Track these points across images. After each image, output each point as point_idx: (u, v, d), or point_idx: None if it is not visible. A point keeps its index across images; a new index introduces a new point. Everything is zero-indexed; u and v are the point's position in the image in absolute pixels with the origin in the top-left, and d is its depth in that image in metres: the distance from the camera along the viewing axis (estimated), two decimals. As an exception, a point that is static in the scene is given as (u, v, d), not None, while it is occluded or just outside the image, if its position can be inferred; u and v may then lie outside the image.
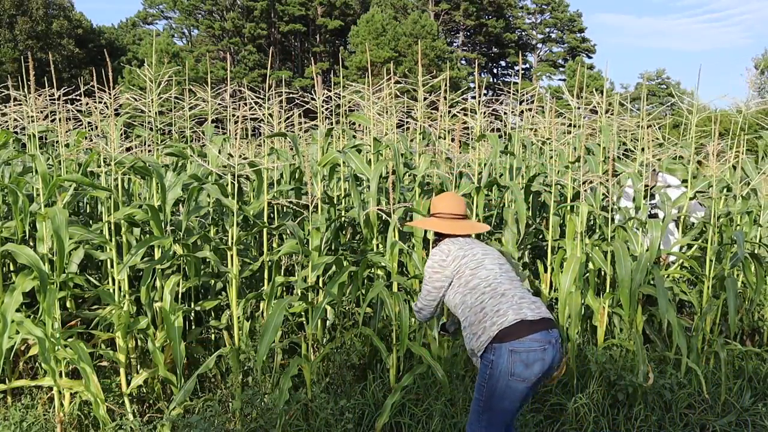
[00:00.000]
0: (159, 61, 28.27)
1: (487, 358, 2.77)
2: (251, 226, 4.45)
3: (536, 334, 2.73)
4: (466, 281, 2.96)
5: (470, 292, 2.92)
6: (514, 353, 2.70)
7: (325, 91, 4.73)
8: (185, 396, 3.63)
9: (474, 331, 2.83)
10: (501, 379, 2.71)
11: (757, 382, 4.31)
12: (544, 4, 56.52)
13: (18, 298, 3.38)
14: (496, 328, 2.74)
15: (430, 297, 3.12)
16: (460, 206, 3.25)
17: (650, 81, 56.03)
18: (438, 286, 3.06)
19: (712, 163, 4.31)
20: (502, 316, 2.76)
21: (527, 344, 2.71)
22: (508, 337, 2.71)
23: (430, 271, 3.08)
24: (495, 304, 2.82)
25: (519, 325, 2.73)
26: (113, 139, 3.83)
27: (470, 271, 2.97)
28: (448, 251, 3.06)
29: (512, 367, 2.69)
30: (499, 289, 2.87)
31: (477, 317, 2.84)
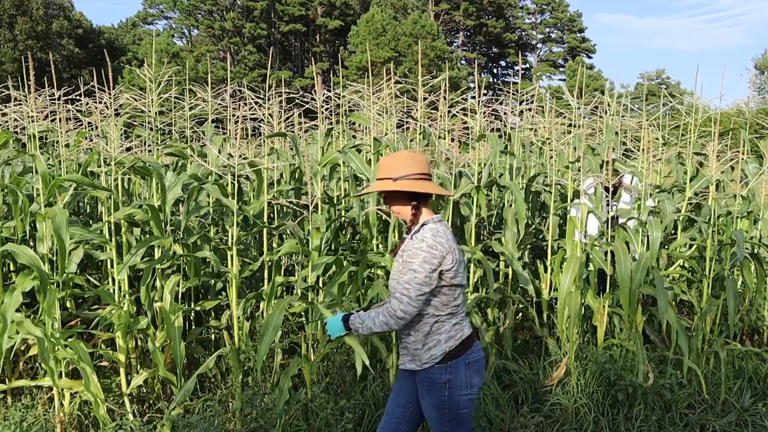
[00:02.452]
0: (159, 61, 28.28)
1: (438, 379, 2.55)
2: (251, 226, 4.45)
3: (478, 343, 2.68)
4: (445, 287, 2.55)
5: (438, 299, 2.55)
6: (469, 365, 2.58)
7: (325, 91, 4.73)
8: (185, 396, 3.63)
9: (426, 341, 2.57)
10: (462, 394, 2.57)
11: (757, 382, 4.31)
12: (544, 4, 56.52)
13: (18, 298, 3.38)
14: (454, 342, 2.56)
15: (423, 297, 2.48)
16: (426, 165, 2.62)
17: (650, 81, 56.03)
18: (433, 280, 2.48)
19: (711, 163, 4.31)
20: (460, 330, 2.59)
21: (477, 353, 2.63)
22: (463, 350, 2.57)
23: (428, 268, 2.45)
24: (453, 317, 2.59)
25: (471, 337, 2.63)
26: (113, 139, 3.83)
27: (452, 274, 2.53)
28: (448, 244, 2.51)
29: (469, 379, 2.58)
30: (459, 302, 2.61)
31: (434, 328, 2.56)
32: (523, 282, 4.44)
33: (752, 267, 4.54)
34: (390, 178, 2.56)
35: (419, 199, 2.56)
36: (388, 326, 2.51)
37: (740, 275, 4.95)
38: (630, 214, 4.32)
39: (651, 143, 4.52)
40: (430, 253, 2.44)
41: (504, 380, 4.22)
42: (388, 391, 3.90)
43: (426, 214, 2.58)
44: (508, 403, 3.92)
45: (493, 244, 4.62)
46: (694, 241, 4.83)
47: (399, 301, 2.46)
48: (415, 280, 2.43)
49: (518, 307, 4.78)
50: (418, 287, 2.44)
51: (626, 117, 5.70)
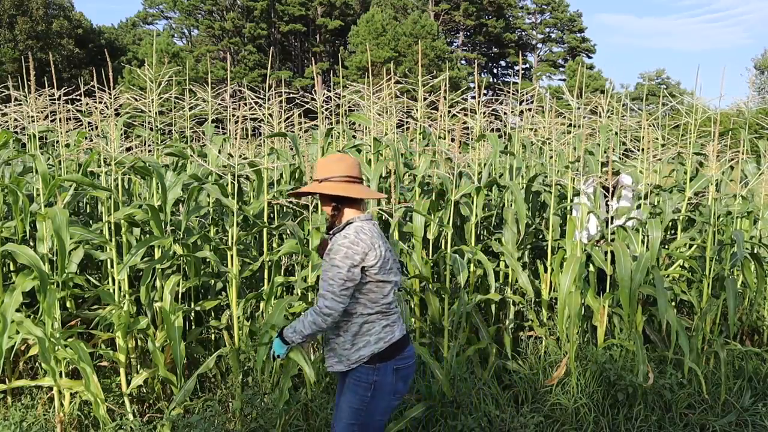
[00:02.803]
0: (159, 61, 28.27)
1: (365, 379, 2.56)
2: (251, 226, 4.45)
3: (410, 347, 2.68)
4: (372, 283, 2.56)
5: (366, 296, 2.57)
6: (397, 371, 2.58)
7: (325, 91, 4.74)
8: (185, 396, 3.64)
9: (355, 342, 2.58)
10: (384, 399, 2.57)
11: (757, 382, 4.31)
12: (544, 4, 56.52)
13: (18, 298, 3.38)
14: (384, 344, 2.56)
15: (347, 292, 2.50)
16: (355, 167, 2.68)
17: (650, 81, 56.04)
18: (356, 275, 2.50)
19: (711, 163, 4.31)
20: (390, 333, 2.59)
21: (407, 360, 2.63)
22: (393, 354, 2.57)
23: (349, 263, 2.48)
24: (384, 317, 2.60)
25: (402, 341, 2.62)
26: (113, 139, 3.84)
27: (376, 270, 2.54)
28: (371, 241, 2.54)
29: (395, 385, 2.58)
30: (389, 300, 2.61)
31: (363, 328, 2.57)
32: (523, 282, 4.44)
33: (752, 267, 4.54)
34: (317, 180, 2.68)
35: (341, 201, 2.64)
36: (317, 325, 2.53)
37: (740, 275, 4.95)
38: (628, 214, 4.32)
39: (651, 143, 4.52)
40: (352, 249, 2.49)
41: (504, 380, 4.22)
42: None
43: (352, 214, 2.64)
44: (508, 403, 3.92)
45: (493, 244, 4.62)
46: (694, 241, 4.83)
47: (324, 298, 2.50)
48: (338, 275, 2.47)
49: (518, 307, 4.78)
50: (342, 282, 2.47)
51: (626, 117, 5.70)
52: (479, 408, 3.75)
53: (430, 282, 4.27)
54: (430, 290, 4.28)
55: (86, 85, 5.28)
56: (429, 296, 4.27)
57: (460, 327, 4.14)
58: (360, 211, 2.67)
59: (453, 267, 4.26)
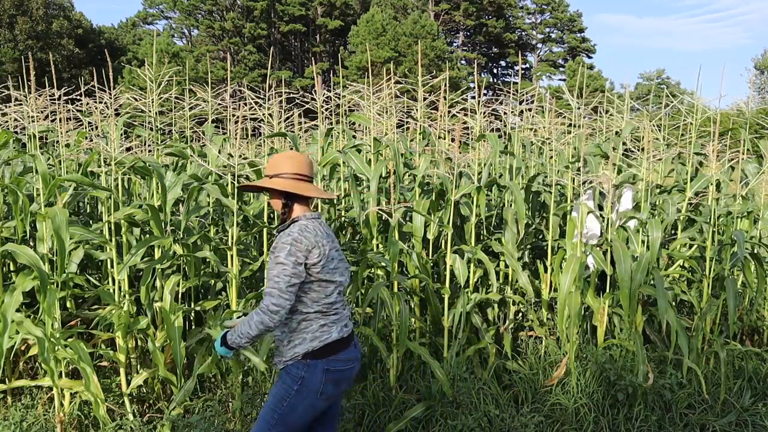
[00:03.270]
0: (159, 61, 28.29)
1: (295, 373, 2.56)
2: (251, 226, 4.46)
3: (349, 352, 2.64)
4: (314, 282, 2.56)
5: (307, 295, 2.56)
6: (328, 372, 2.56)
7: (325, 91, 4.74)
8: (185, 396, 3.64)
9: (291, 338, 2.58)
10: (308, 397, 2.55)
11: (757, 382, 4.31)
12: (544, 4, 56.51)
13: (18, 298, 3.38)
14: (318, 343, 2.55)
15: (293, 289, 2.49)
16: (306, 165, 2.68)
17: (650, 81, 56.04)
18: (301, 272, 2.50)
19: (712, 163, 4.31)
20: (326, 333, 2.57)
21: (342, 363, 2.60)
22: (325, 354, 2.55)
23: (293, 260, 2.48)
24: (323, 317, 2.59)
25: (339, 343, 2.60)
26: (113, 139, 3.84)
27: (318, 269, 2.54)
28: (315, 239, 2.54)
29: (323, 386, 2.55)
30: (332, 300, 2.60)
31: (300, 326, 2.57)
32: (523, 282, 4.44)
33: (752, 267, 4.54)
34: (267, 175, 2.69)
35: (292, 198, 2.64)
36: (263, 324, 2.48)
37: (740, 275, 4.95)
38: (629, 214, 4.32)
39: (651, 143, 4.52)
40: (295, 246, 2.49)
41: (504, 380, 4.22)
42: (389, 391, 3.90)
43: (300, 211, 2.65)
44: (508, 403, 3.92)
45: (493, 244, 4.62)
46: (694, 241, 4.83)
47: (270, 295, 2.47)
48: (283, 272, 2.46)
49: (518, 307, 4.79)
50: (287, 279, 2.46)
51: (627, 117, 5.69)
52: (479, 408, 3.75)
53: (430, 282, 4.27)
54: (430, 290, 4.28)
55: (86, 85, 5.28)
56: (429, 296, 4.27)
57: (460, 327, 4.14)
58: (308, 209, 2.68)
59: (453, 267, 4.26)
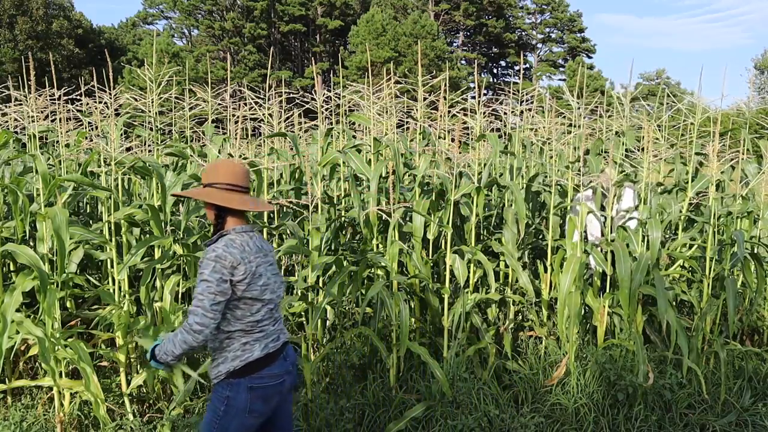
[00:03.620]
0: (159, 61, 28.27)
1: (221, 393, 2.51)
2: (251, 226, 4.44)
3: (275, 367, 2.55)
4: (240, 300, 2.47)
5: (231, 312, 2.48)
6: (253, 390, 2.49)
7: (325, 91, 4.73)
8: (185, 396, 3.63)
9: (215, 357, 2.53)
10: (237, 417, 2.49)
11: (757, 382, 4.31)
12: (544, 4, 56.50)
13: (18, 298, 3.38)
14: (239, 362, 2.48)
15: (218, 307, 2.39)
16: (241, 176, 2.59)
17: (650, 81, 56.06)
18: (226, 289, 2.41)
19: (712, 163, 4.31)
20: (248, 351, 2.49)
21: (267, 380, 2.52)
22: (247, 373, 2.48)
23: (218, 277, 2.38)
24: (246, 335, 2.50)
25: (262, 360, 2.52)
26: (113, 139, 3.84)
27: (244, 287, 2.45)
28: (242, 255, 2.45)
29: (250, 404, 2.49)
30: (257, 318, 2.52)
31: (223, 344, 2.51)
32: (523, 282, 4.44)
33: (752, 267, 4.54)
34: (202, 184, 2.61)
35: (224, 209, 2.54)
36: (187, 344, 2.41)
37: (740, 275, 4.95)
38: (630, 214, 4.32)
39: (651, 143, 4.52)
40: (219, 263, 2.39)
41: (504, 380, 4.22)
42: (389, 391, 3.90)
43: (231, 224, 2.56)
44: (508, 403, 3.92)
45: (493, 244, 4.62)
46: (695, 241, 4.83)
47: (194, 314, 2.38)
48: (208, 290, 2.37)
49: (518, 307, 4.79)
50: (212, 297, 2.37)
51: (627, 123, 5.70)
52: (479, 408, 3.75)
53: (430, 282, 4.27)
54: (430, 290, 4.28)
55: (86, 85, 5.28)
56: (429, 296, 4.27)
57: (460, 327, 4.14)
58: (241, 222, 2.58)
59: (453, 267, 4.26)
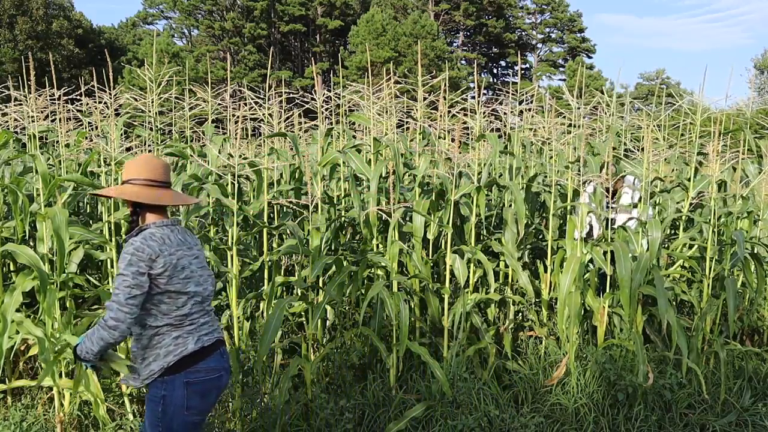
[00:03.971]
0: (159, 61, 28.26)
1: (156, 393, 2.46)
2: (251, 226, 4.46)
3: (211, 361, 2.53)
4: (162, 294, 2.45)
5: (156, 307, 2.45)
6: (189, 385, 2.45)
7: (325, 91, 4.74)
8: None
9: (145, 355, 2.47)
10: (177, 415, 2.44)
11: (757, 382, 4.31)
12: (544, 4, 56.51)
13: (18, 298, 3.39)
14: (173, 357, 2.43)
15: (134, 301, 2.36)
16: (158, 170, 2.57)
17: (650, 81, 56.04)
18: (143, 283, 2.38)
19: (712, 163, 4.31)
20: (181, 345, 2.45)
21: (203, 374, 2.49)
22: (183, 368, 2.44)
23: (133, 270, 2.36)
24: (175, 329, 2.47)
25: (197, 354, 2.48)
26: (113, 139, 3.84)
27: (165, 280, 2.43)
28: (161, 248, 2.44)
29: (187, 400, 2.45)
30: (185, 312, 2.49)
31: (153, 341, 2.46)
32: (523, 282, 4.44)
33: (752, 267, 4.54)
34: (122, 181, 2.60)
35: (141, 205, 2.53)
36: (104, 340, 2.36)
37: (740, 275, 4.95)
38: (630, 214, 4.32)
39: (651, 143, 4.52)
40: (136, 256, 2.37)
41: (504, 380, 4.22)
42: (389, 391, 3.90)
43: (152, 219, 2.54)
44: (508, 403, 3.92)
45: (493, 244, 4.62)
46: (695, 241, 4.83)
47: (109, 309, 2.36)
48: (123, 283, 2.35)
49: (518, 307, 4.78)
50: (127, 291, 2.34)
51: (627, 117, 5.70)
52: (479, 408, 3.75)
53: (430, 282, 4.27)
54: (430, 290, 4.28)
55: (86, 85, 5.28)
56: (429, 296, 4.27)
57: (460, 327, 4.14)
58: (161, 217, 2.56)
59: (453, 267, 4.26)
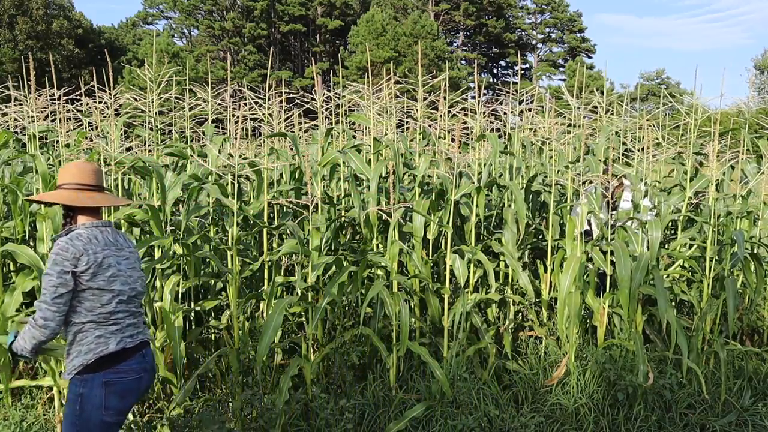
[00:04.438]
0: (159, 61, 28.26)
1: (75, 391, 2.48)
2: (251, 226, 4.46)
3: (132, 362, 2.56)
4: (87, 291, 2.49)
5: (81, 304, 2.49)
6: (108, 385, 2.48)
7: (325, 91, 4.74)
8: (185, 396, 3.64)
9: (69, 351, 2.52)
10: (94, 414, 2.46)
11: (757, 382, 4.31)
12: (544, 4, 56.51)
13: (18, 298, 3.39)
14: (93, 356, 2.47)
15: (61, 300, 2.42)
16: (89, 175, 2.65)
17: (650, 81, 56.04)
18: (68, 281, 2.43)
19: (712, 163, 4.31)
20: (102, 345, 2.49)
21: (124, 375, 2.52)
22: (102, 367, 2.48)
23: (58, 269, 2.42)
24: (99, 328, 2.50)
25: (118, 354, 2.51)
26: (113, 139, 3.84)
27: (88, 277, 2.47)
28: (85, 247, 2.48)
29: (105, 400, 2.47)
30: (109, 310, 2.52)
31: (77, 337, 2.50)
32: (523, 282, 4.44)
33: (752, 267, 4.54)
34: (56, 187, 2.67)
35: (71, 208, 2.59)
36: (36, 339, 2.44)
37: (740, 275, 4.95)
38: (629, 215, 4.32)
39: (651, 143, 4.52)
40: (61, 255, 2.44)
41: (504, 380, 4.22)
42: (389, 391, 3.90)
43: (83, 221, 2.59)
44: (508, 403, 3.92)
45: (493, 244, 4.62)
46: (694, 241, 4.83)
47: (38, 309, 2.42)
48: (49, 283, 2.41)
49: (518, 307, 4.78)
50: (53, 290, 2.40)
51: (627, 117, 5.70)
52: (479, 408, 3.75)
53: (430, 282, 4.27)
54: (430, 290, 4.28)
55: (86, 85, 5.28)
56: (429, 296, 4.27)
57: (460, 327, 4.14)
58: (92, 218, 2.61)
59: (453, 267, 4.26)
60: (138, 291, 2.66)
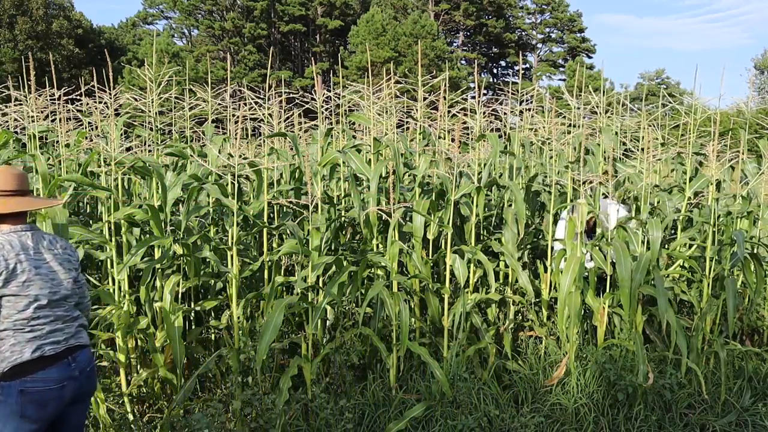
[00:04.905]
0: (159, 61, 28.26)
1: None
2: (251, 226, 4.46)
3: (52, 371, 2.50)
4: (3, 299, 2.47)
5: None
6: (24, 394, 2.44)
7: (325, 91, 4.74)
8: (185, 396, 3.64)
9: None
10: (10, 422, 2.43)
11: (757, 382, 4.31)
12: (544, 4, 56.50)
13: None
14: (7, 364, 2.43)
15: None
16: (11, 180, 2.64)
17: (650, 81, 56.04)
18: None
19: (711, 163, 4.31)
20: (19, 353, 2.45)
21: (41, 384, 2.47)
22: (19, 375, 2.44)
23: None
24: (14, 335, 2.47)
25: (34, 363, 2.47)
26: (113, 139, 3.84)
27: (13, 287, 2.47)
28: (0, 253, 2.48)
29: (22, 409, 2.43)
30: (26, 316, 2.49)
31: None
32: (523, 282, 4.44)
33: (752, 267, 4.54)
34: None
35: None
36: None
37: (740, 275, 4.95)
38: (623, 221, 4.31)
39: (650, 143, 4.52)
40: None
41: (504, 380, 4.22)
42: (389, 391, 3.90)
43: (5, 228, 2.58)
44: (508, 403, 3.92)
45: (493, 244, 4.62)
46: (694, 241, 4.83)
47: None
48: None
49: (518, 307, 4.78)
50: None
51: (626, 117, 5.70)
52: (479, 408, 3.76)
53: (430, 282, 4.27)
54: (429, 290, 4.28)
55: (86, 85, 5.28)
56: (429, 296, 4.27)
57: (460, 327, 4.14)
58: (16, 223, 2.60)
59: (453, 267, 4.26)
60: (63, 294, 2.61)
